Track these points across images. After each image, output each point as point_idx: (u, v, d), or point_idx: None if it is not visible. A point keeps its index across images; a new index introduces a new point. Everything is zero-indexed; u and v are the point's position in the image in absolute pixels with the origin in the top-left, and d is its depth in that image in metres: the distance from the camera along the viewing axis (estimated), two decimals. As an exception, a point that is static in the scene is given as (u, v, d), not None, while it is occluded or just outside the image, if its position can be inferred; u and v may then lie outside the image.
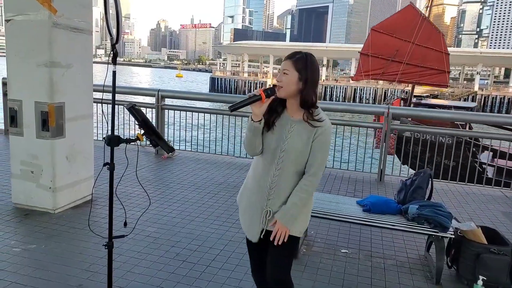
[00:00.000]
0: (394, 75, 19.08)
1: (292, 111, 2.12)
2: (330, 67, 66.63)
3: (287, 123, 2.11)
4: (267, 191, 2.14)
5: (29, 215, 4.21)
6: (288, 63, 2.06)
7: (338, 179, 6.26)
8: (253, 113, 2.04)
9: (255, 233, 2.20)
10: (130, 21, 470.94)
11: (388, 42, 18.83)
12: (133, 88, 10.04)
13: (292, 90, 2.05)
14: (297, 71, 2.03)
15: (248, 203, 2.25)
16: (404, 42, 18.42)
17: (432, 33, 18.86)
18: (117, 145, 2.46)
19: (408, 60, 18.45)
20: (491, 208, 5.30)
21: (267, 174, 2.14)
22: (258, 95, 2.00)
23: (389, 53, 18.83)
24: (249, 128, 2.07)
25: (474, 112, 12.35)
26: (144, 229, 4.02)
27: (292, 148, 2.07)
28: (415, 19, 18.53)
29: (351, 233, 4.24)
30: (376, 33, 19.33)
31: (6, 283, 2.97)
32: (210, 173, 6.18)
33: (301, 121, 2.09)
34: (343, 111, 7.71)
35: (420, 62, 18.62)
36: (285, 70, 2.05)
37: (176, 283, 3.09)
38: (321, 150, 2.08)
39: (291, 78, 2.04)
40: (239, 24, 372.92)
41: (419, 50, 18.34)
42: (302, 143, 2.07)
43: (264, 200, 2.15)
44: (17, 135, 4.28)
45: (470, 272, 3.23)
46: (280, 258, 2.18)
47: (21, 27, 4.07)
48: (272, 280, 2.20)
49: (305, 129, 2.07)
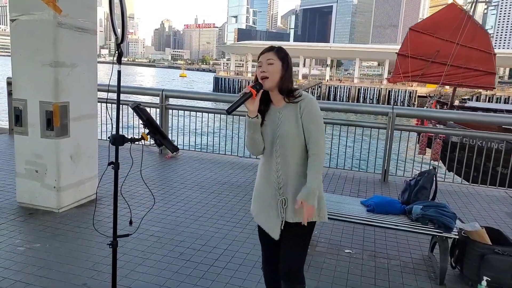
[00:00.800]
0: (435, 76, 18.09)
1: (277, 101, 2.22)
2: (334, 67, 66.51)
3: (275, 113, 2.20)
4: (275, 181, 2.20)
5: (33, 214, 4.23)
6: (271, 54, 2.16)
7: (342, 179, 6.25)
8: (248, 111, 2.14)
9: (277, 229, 2.22)
10: (134, 20, 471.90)
11: (428, 42, 17.87)
12: (137, 88, 10.05)
13: (277, 79, 2.15)
14: (280, 59, 2.16)
15: (262, 204, 2.30)
16: (445, 42, 17.40)
17: (477, 33, 17.76)
18: (121, 145, 2.47)
19: (451, 61, 17.40)
20: (495, 208, 5.28)
21: (270, 166, 2.22)
22: (248, 92, 2.10)
23: (429, 54, 17.79)
24: (249, 126, 2.17)
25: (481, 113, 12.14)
26: (148, 228, 4.03)
27: (285, 131, 2.15)
28: (458, 17, 17.45)
29: (355, 233, 4.24)
30: (415, 32, 18.37)
31: (10, 281, 2.98)
32: (213, 173, 6.19)
33: (286, 105, 2.19)
34: (346, 111, 7.71)
35: (463, 63, 17.53)
36: (270, 60, 2.15)
37: (180, 283, 3.10)
38: (312, 121, 2.15)
39: (276, 67, 2.14)
40: (243, 24, 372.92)
41: (463, 51, 17.29)
42: (292, 123, 2.15)
43: (275, 191, 2.21)
44: (22, 134, 4.30)
45: (474, 273, 3.22)
46: (294, 249, 2.22)
47: (26, 26, 4.09)
48: (286, 272, 2.24)
49: (291, 110, 2.17)
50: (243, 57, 70.97)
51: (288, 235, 2.21)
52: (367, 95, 52.58)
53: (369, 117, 13.38)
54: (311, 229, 2.26)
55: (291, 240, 2.21)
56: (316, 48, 64.73)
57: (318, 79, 58.35)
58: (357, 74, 61.89)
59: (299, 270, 2.26)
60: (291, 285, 2.25)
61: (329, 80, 57.50)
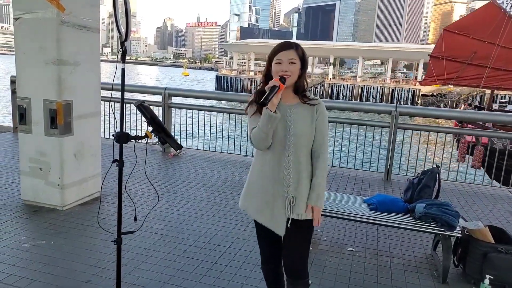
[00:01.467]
0: (471, 79, 17.17)
1: (287, 99, 2.20)
2: (337, 65, 66.35)
3: (285, 110, 2.18)
4: (285, 178, 2.19)
5: (37, 212, 4.26)
6: (293, 52, 2.15)
7: (345, 178, 6.26)
8: (271, 104, 2.06)
9: (282, 225, 2.22)
10: (136, 19, 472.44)
11: (463, 43, 16.83)
12: (140, 87, 10.06)
13: (295, 78, 2.17)
14: (300, 59, 2.16)
15: (263, 200, 2.25)
16: (483, 43, 16.44)
17: None
18: (126, 142, 2.48)
19: (488, 63, 16.34)
20: (499, 207, 5.27)
21: (279, 163, 2.19)
22: (277, 85, 2.06)
23: (465, 56, 16.82)
24: (269, 120, 2.08)
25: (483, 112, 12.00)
26: (152, 226, 4.05)
27: (299, 130, 2.16)
28: (497, 17, 16.49)
29: (358, 232, 4.24)
30: (449, 33, 17.42)
31: (16, 278, 3.01)
32: (216, 171, 6.20)
33: (299, 104, 2.20)
34: (349, 109, 7.70)
35: (503, 65, 16.52)
36: (292, 60, 2.14)
37: (183, 280, 3.11)
38: (324, 124, 2.21)
39: (297, 67, 2.16)
40: (245, 22, 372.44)
41: (503, 52, 16.28)
42: (307, 123, 2.17)
43: (283, 188, 2.19)
44: (26, 132, 4.32)
45: (477, 271, 3.22)
46: (299, 246, 2.26)
47: (29, 25, 4.11)
48: (291, 269, 2.27)
49: (305, 110, 2.18)
50: (246, 56, 70.73)
51: (292, 232, 2.22)
52: (370, 94, 52.48)
53: (373, 116, 13.38)
54: (312, 225, 2.27)
55: (295, 236, 2.23)
56: (319, 47, 64.58)
57: (321, 78, 58.26)
58: (360, 73, 61.72)
59: (304, 265, 2.29)
60: (297, 280, 2.28)
61: (332, 79, 57.37)
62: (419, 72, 55.84)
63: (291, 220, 2.20)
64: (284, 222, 2.21)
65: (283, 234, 2.23)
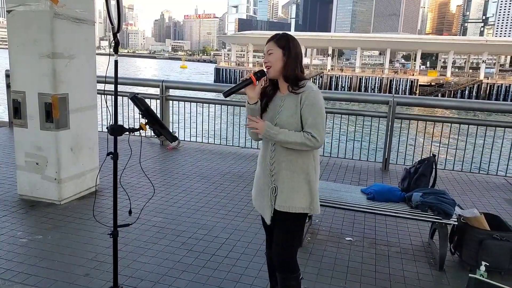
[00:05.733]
0: None
1: (283, 89, 2.23)
2: (336, 56, 66.10)
3: (279, 100, 2.23)
4: (269, 168, 2.24)
5: (34, 206, 4.25)
6: (271, 43, 2.19)
7: (343, 168, 6.26)
8: (248, 97, 2.19)
9: (268, 215, 2.27)
10: (134, 12, 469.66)
11: None
12: (137, 79, 10.04)
13: (279, 67, 2.16)
14: (281, 48, 2.16)
15: (258, 189, 2.35)
16: None
17: None
18: (120, 135, 2.47)
19: None
20: (495, 195, 5.29)
21: (266, 153, 2.26)
22: (249, 79, 2.16)
23: None
24: (247, 111, 2.21)
25: (480, 100, 12.00)
26: (150, 219, 4.05)
27: (283, 121, 2.16)
28: None
29: (356, 221, 4.25)
30: None
31: (13, 273, 3.01)
32: (215, 164, 6.19)
33: (289, 94, 2.20)
34: (347, 100, 7.68)
35: None
36: (270, 50, 2.18)
37: (182, 272, 3.12)
38: (310, 112, 2.11)
39: (276, 55, 2.16)
40: (243, 14, 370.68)
41: None
42: (291, 113, 2.15)
43: (268, 178, 2.24)
44: (21, 127, 4.30)
45: (473, 258, 3.24)
46: (283, 238, 2.25)
47: (22, 17, 4.06)
48: (277, 261, 2.28)
49: (292, 99, 2.18)
50: (244, 47, 70.35)
51: (278, 224, 2.25)
52: (368, 85, 52.39)
53: (372, 106, 13.38)
54: (300, 219, 2.25)
55: (280, 229, 2.25)
56: (318, 38, 64.25)
57: (319, 69, 58.10)
58: (359, 64, 61.50)
59: (291, 258, 2.27)
60: (284, 274, 2.27)
61: (330, 70, 57.20)
62: (417, 62, 55.84)
63: (274, 211, 2.24)
64: (269, 212, 2.26)
65: (269, 223, 2.28)
